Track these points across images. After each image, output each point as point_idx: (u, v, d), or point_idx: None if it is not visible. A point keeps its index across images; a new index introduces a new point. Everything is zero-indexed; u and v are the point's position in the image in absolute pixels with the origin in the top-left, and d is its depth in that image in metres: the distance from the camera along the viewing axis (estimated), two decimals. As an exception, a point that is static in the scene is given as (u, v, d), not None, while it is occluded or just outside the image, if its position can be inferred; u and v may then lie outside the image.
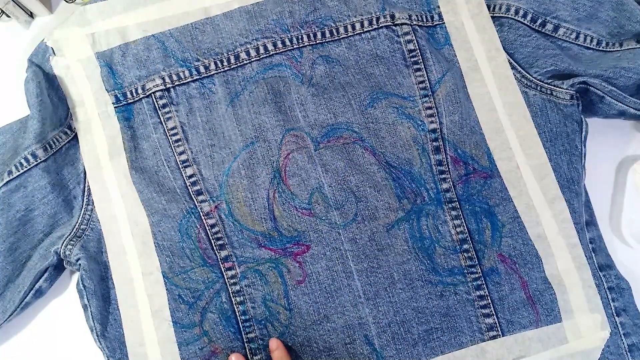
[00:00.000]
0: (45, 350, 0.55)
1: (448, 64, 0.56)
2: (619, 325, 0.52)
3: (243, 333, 0.52)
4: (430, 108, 0.55)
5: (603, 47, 0.55)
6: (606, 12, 0.54)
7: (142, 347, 0.52)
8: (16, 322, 0.55)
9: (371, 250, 0.53)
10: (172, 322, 0.52)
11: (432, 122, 0.54)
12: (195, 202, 0.54)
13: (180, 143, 0.55)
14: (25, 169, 0.53)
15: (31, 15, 0.62)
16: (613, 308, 0.52)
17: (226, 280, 0.53)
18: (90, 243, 0.53)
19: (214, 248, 0.53)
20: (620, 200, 0.56)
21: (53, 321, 0.56)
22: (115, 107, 0.56)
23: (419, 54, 0.55)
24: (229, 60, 0.56)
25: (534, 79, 0.55)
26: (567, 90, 0.53)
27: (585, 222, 0.53)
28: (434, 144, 0.54)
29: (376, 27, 0.56)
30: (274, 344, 0.51)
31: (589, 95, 0.54)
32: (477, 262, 0.52)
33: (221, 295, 0.53)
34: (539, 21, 0.55)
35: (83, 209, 0.54)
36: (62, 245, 0.52)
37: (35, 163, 0.53)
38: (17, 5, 0.59)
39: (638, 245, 0.55)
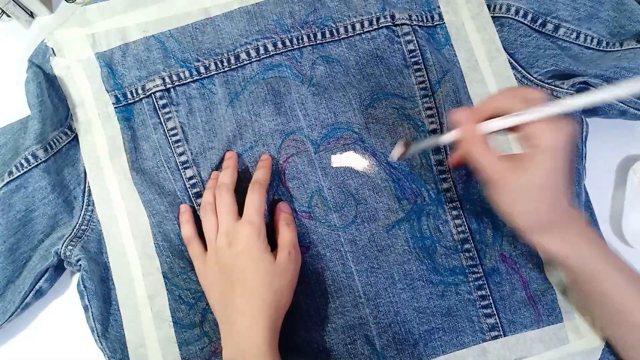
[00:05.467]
0: (45, 351, 0.55)
1: (448, 64, 0.56)
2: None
3: (244, 333, 0.52)
4: (430, 108, 0.55)
5: (603, 47, 0.55)
6: (606, 12, 0.54)
7: (143, 347, 0.52)
8: (16, 322, 0.55)
9: (371, 251, 0.53)
10: (173, 322, 0.52)
11: (432, 122, 0.54)
12: (195, 205, 0.54)
13: (180, 144, 0.55)
14: (26, 170, 0.53)
15: (32, 15, 0.62)
16: (614, 308, 0.52)
17: (226, 281, 0.53)
18: (90, 244, 0.53)
19: (214, 249, 0.53)
20: (620, 200, 0.56)
21: (53, 322, 0.56)
22: (115, 108, 0.56)
23: (419, 54, 0.55)
24: (229, 60, 0.56)
25: (534, 79, 0.55)
26: (567, 90, 0.53)
27: (585, 222, 0.54)
28: (434, 144, 0.54)
29: (376, 27, 0.56)
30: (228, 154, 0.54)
31: (589, 95, 0.54)
32: (478, 262, 0.52)
33: (221, 296, 0.53)
34: (539, 21, 0.55)
35: (83, 210, 0.54)
36: (62, 245, 0.52)
37: (36, 163, 0.53)
38: (18, 5, 0.59)
39: (638, 245, 0.55)
